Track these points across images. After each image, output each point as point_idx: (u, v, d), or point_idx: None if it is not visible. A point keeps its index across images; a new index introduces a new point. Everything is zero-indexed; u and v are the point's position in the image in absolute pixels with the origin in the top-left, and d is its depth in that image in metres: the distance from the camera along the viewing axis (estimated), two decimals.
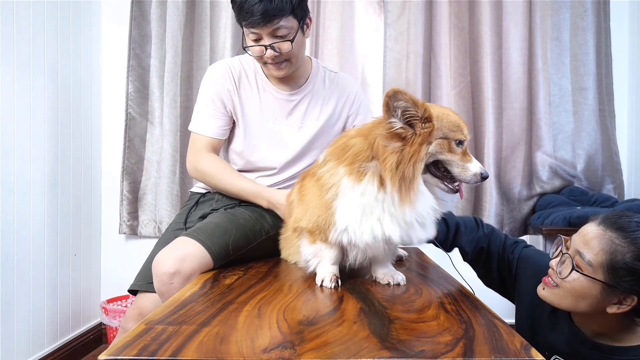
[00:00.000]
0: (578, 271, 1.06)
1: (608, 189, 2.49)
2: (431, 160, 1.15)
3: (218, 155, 1.71)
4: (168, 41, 2.54)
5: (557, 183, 2.48)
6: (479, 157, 2.51)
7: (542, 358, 0.76)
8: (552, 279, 1.14)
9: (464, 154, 1.17)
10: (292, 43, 1.53)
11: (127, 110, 2.58)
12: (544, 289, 1.17)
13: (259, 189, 1.61)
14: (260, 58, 1.59)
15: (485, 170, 1.18)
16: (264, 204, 1.59)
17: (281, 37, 1.52)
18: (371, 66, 2.61)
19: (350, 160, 1.16)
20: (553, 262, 1.15)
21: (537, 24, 2.48)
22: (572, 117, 2.51)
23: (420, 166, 1.11)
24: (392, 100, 1.09)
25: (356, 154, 1.15)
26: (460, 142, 1.15)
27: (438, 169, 1.18)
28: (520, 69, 2.51)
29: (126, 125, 2.58)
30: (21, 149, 2.05)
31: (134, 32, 2.57)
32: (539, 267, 1.28)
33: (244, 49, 1.58)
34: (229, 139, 1.75)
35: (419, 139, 1.10)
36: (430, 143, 1.12)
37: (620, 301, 1.04)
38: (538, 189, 2.49)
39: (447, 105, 2.52)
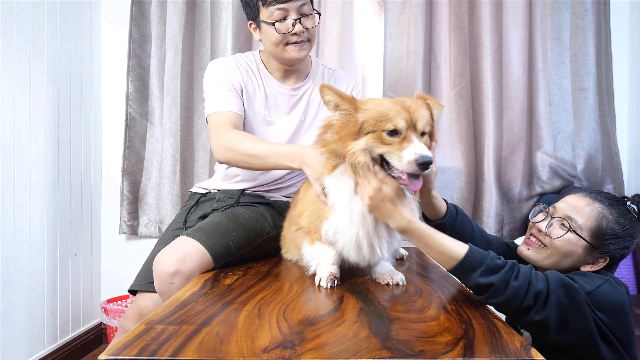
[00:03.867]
0: (575, 233, 1.22)
1: (608, 189, 2.49)
2: (374, 154, 1.10)
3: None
4: (168, 41, 2.54)
5: (557, 183, 2.47)
6: (479, 157, 2.51)
7: (542, 358, 0.76)
8: (540, 239, 1.28)
9: (403, 141, 1.08)
10: (319, 17, 1.61)
11: (127, 110, 2.57)
12: (528, 249, 1.31)
13: (292, 147, 1.46)
14: (284, 37, 1.59)
15: (424, 155, 1.04)
16: (296, 164, 1.37)
17: (306, 15, 1.58)
18: (371, 66, 2.61)
19: (327, 156, 1.19)
20: (540, 225, 1.29)
21: (537, 24, 2.48)
22: (572, 117, 2.51)
23: (362, 159, 1.10)
24: (321, 95, 1.13)
25: (331, 150, 1.17)
26: (392, 132, 1.08)
27: (386, 164, 1.11)
28: (520, 69, 2.51)
29: (126, 125, 2.58)
30: (21, 149, 2.05)
31: (134, 32, 2.57)
32: None
33: (273, 24, 1.56)
34: None
35: (346, 134, 1.11)
36: (357, 139, 1.10)
37: (594, 261, 1.24)
38: (538, 189, 2.49)
39: (446, 105, 2.53)
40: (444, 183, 2.53)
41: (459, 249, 1.06)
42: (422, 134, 1.12)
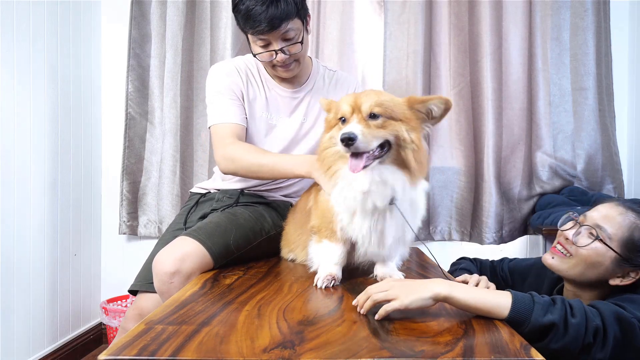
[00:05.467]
0: (602, 241, 1.15)
1: (608, 189, 2.49)
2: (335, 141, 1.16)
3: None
4: (168, 41, 2.53)
5: (557, 183, 2.47)
6: (479, 157, 2.51)
7: (542, 358, 0.76)
8: (565, 248, 1.22)
9: (345, 125, 1.14)
10: (301, 45, 1.55)
11: (127, 110, 2.57)
12: (553, 257, 1.24)
13: (297, 159, 1.46)
14: (269, 62, 1.60)
15: (345, 132, 1.07)
16: (304, 171, 1.40)
17: (290, 39, 1.53)
18: (371, 66, 2.61)
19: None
20: (568, 233, 1.22)
21: (537, 24, 2.48)
22: (572, 117, 2.51)
23: (327, 153, 1.20)
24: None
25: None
26: (342, 119, 1.16)
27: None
28: (520, 69, 2.51)
29: (126, 125, 2.57)
30: (21, 149, 2.05)
31: (133, 32, 2.57)
32: (530, 266, 1.40)
33: (254, 56, 1.59)
34: None
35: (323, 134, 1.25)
36: (328, 131, 1.22)
37: (624, 275, 1.16)
38: (538, 189, 2.49)
39: None
40: (443, 183, 2.53)
41: (504, 297, 0.96)
42: (373, 115, 1.12)
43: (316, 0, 2.54)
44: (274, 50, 1.54)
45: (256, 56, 1.59)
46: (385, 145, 1.13)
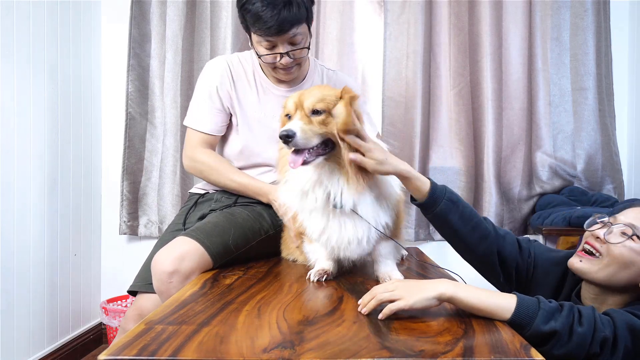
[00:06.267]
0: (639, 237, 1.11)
1: (608, 189, 2.49)
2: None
3: (214, 151, 1.73)
4: (168, 41, 2.54)
5: (557, 183, 2.48)
6: (479, 157, 2.51)
7: (542, 358, 0.76)
8: (596, 248, 1.16)
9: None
10: (308, 50, 1.57)
11: (127, 110, 2.57)
12: (581, 261, 1.18)
13: (260, 185, 1.60)
14: (272, 64, 1.59)
15: (283, 129, 1.07)
16: (264, 200, 1.59)
17: (296, 44, 1.53)
18: (371, 66, 2.61)
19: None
20: (599, 232, 1.17)
21: (537, 24, 2.48)
22: (572, 117, 2.51)
23: (282, 152, 1.22)
24: None
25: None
26: (288, 116, 1.16)
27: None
28: (520, 69, 2.51)
29: (126, 125, 2.57)
30: (21, 149, 2.05)
31: (134, 32, 2.57)
32: (557, 262, 1.31)
33: (259, 57, 1.59)
34: (227, 138, 1.74)
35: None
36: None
37: None
38: (538, 189, 2.49)
39: (446, 105, 2.53)
40: (443, 183, 2.53)
41: (509, 299, 0.96)
42: (315, 112, 1.11)
43: (316, 0, 2.54)
44: (279, 53, 1.53)
45: (260, 57, 1.58)
46: (329, 143, 1.13)
